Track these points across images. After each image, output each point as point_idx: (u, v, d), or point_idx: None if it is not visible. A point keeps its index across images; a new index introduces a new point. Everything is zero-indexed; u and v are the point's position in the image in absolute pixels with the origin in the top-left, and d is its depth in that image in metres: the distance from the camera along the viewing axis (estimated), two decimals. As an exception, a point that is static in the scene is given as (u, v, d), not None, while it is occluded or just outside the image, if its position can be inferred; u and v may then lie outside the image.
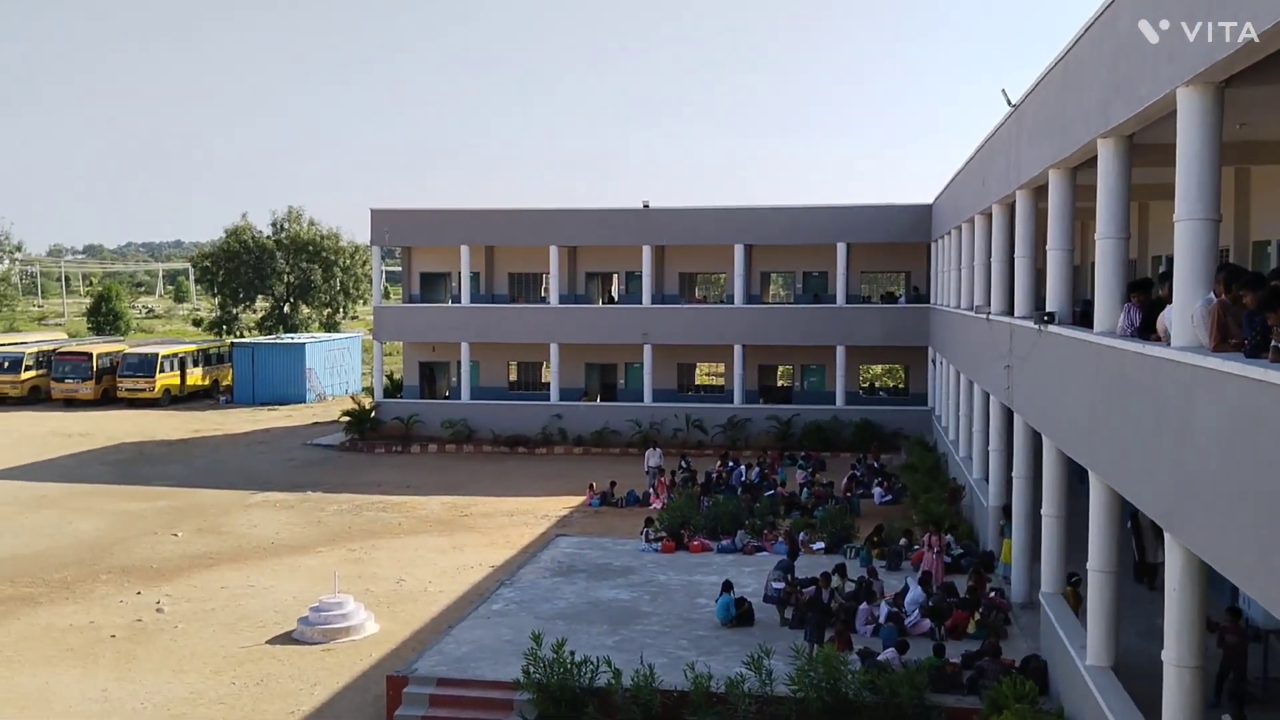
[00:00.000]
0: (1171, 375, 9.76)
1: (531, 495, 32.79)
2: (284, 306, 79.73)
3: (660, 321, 42.06)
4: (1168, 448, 9.83)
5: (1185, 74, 9.43)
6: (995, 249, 22.28)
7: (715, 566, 22.65)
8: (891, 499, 30.31)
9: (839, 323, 40.88)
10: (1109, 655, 12.88)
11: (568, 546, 24.91)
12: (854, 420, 39.97)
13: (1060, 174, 15.53)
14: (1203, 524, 8.92)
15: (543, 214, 43.50)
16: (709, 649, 17.43)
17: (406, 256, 47.20)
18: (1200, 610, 9.70)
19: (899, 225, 40.79)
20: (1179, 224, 9.67)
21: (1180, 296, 9.73)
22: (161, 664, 18.96)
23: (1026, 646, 16.82)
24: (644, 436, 40.03)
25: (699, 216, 42.64)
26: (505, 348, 44.71)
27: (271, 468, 38.03)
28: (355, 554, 26.27)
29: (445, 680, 16.23)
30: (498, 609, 19.79)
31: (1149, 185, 19.13)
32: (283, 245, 78.32)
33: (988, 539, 22.69)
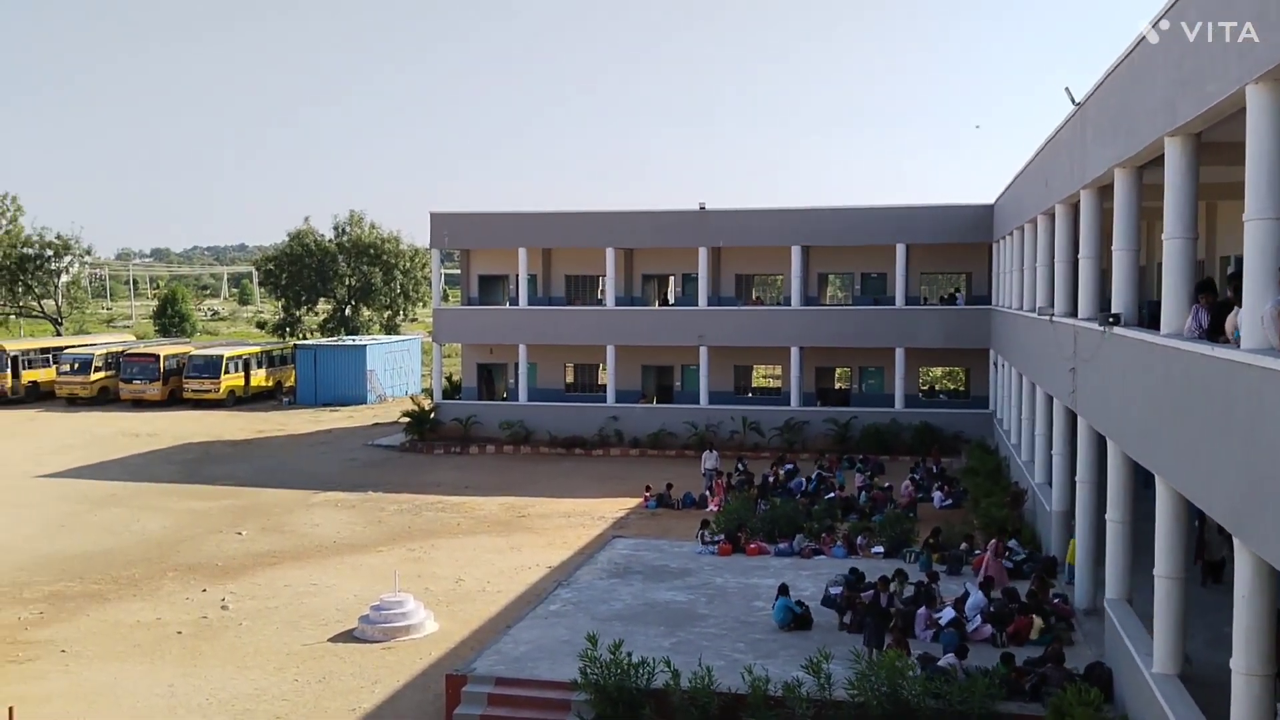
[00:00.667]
0: (1241, 377, 9.55)
1: (588, 497, 32.91)
2: (345, 309, 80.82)
3: (716, 323, 41.99)
4: (1237, 451, 9.62)
5: (1254, 71, 9.23)
6: (1059, 249, 21.93)
7: (772, 569, 22.55)
8: (952, 503, 29.98)
9: (898, 324, 40.51)
10: (1176, 663, 12.62)
11: (624, 548, 24.96)
12: (913, 423, 39.59)
13: (1126, 173, 15.26)
14: (1274, 528, 8.71)
15: (599, 216, 43.65)
16: (766, 652, 17.36)
17: (465, 259, 47.63)
18: (1271, 617, 9.48)
19: (959, 226, 40.32)
20: (1249, 223, 9.46)
21: (1250, 297, 9.52)
22: (226, 660, 19.32)
23: (1091, 653, 16.53)
24: (700, 438, 39.99)
25: (755, 218, 42.51)
26: (562, 349, 44.92)
27: (333, 468, 38.58)
28: (415, 553, 26.56)
29: (503, 680, 16.34)
30: (555, 609, 19.88)
31: (1217, 184, 18.72)
32: (344, 248, 79.40)
33: (1050, 544, 22.35)
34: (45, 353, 60.43)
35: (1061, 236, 21.72)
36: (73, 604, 22.72)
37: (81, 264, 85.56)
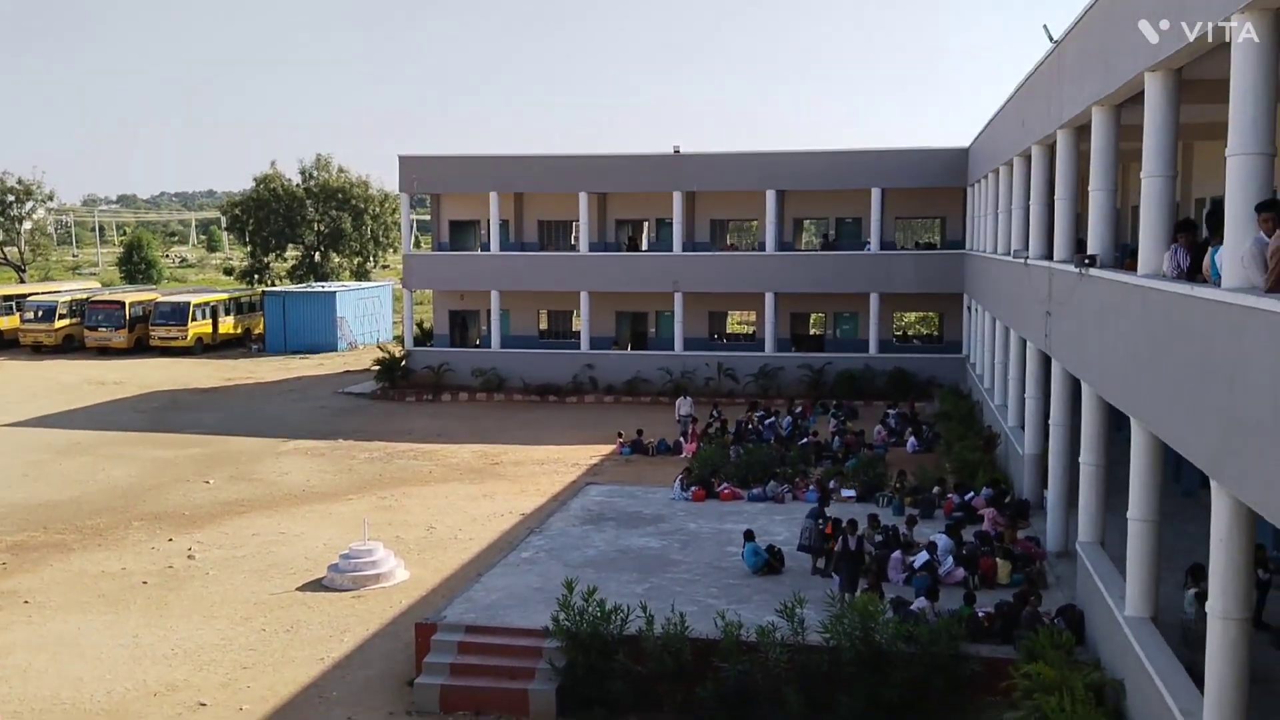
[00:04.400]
0: (1222, 317, 9.36)
1: (562, 444, 32.72)
2: (315, 255, 79.83)
3: (691, 269, 41.63)
4: (1216, 392, 9.45)
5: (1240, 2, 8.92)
6: (1034, 192, 21.69)
7: (746, 515, 22.46)
8: (924, 448, 29.99)
9: (872, 270, 40.29)
10: (1149, 606, 12.59)
11: (598, 495, 24.80)
12: (887, 369, 39.53)
13: (1104, 111, 14.97)
14: (1252, 471, 8.56)
15: (572, 160, 43.03)
16: (740, 597, 17.28)
17: (435, 204, 46.95)
18: (1248, 560, 9.37)
19: (934, 170, 39.98)
20: (1231, 159, 9.21)
21: (1231, 235, 9.30)
22: (192, 610, 19.09)
23: (1062, 596, 16.54)
24: (675, 385, 39.80)
25: (730, 162, 42.02)
26: (535, 296, 44.48)
27: (303, 416, 38.21)
28: (386, 501, 26.33)
29: (474, 628, 16.18)
30: (527, 557, 19.72)
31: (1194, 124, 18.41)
32: (312, 193, 78.16)
33: (1023, 487, 22.35)
34: (9, 300, 59.50)
35: (1038, 179, 21.47)
36: (36, 554, 22.38)
37: (46, 210, 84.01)
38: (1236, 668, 9.31)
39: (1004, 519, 20.07)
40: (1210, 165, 21.45)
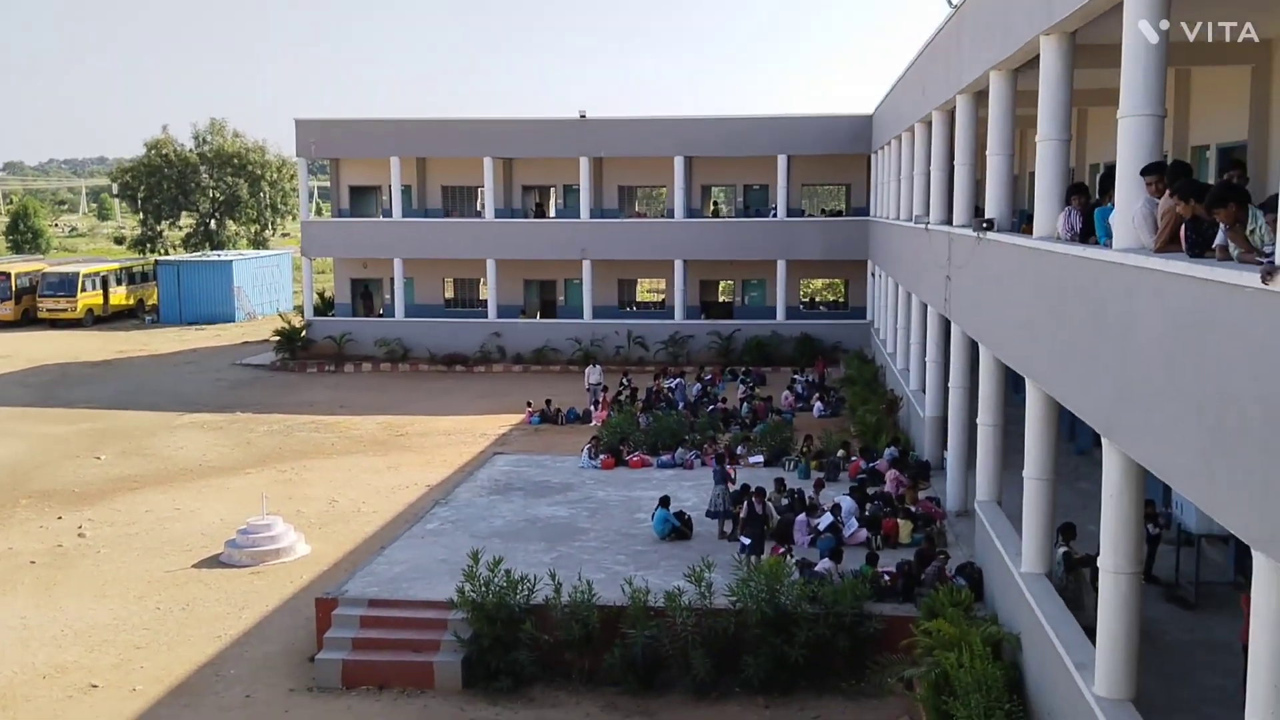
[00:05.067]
0: (1113, 278, 9.50)
1: (469, 414, 32.33)
2: (210, 223, 77.55)
3: (600, 236, 41.35)
4: (1108, 352, 9.61)
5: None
6: (935, 158, 21.93)
7: (655, 482, 22.45)
8: (830, 412, 30.33)
9: (779, 237, 40.51)
10: (1044, 562, 12.84)
11: (505, 465, 24.57)
12: (794, 335, 39.89)
13: (1001, 75, 15.11)
14: (1143, 429, 8.73)
15: (476, 124, 42.31)
16: (648, 563, 17.26)
17: (334, 169, 45.82)
18: (1138, 515, 9.58)
19: (839, 136, 40.26)
20: (1123, 120, 9.32)
21: (1122, 196, 9.43)
22: (83, 589, 18.44)
23: (962, 554, 16.86)
24: (585, 354, 39.60)
25: (637, 127, 41.74)
26: (440, 264, 43.75)
27: (199, 388, 37.13)
28: (286, 475, 25.73)
29: (377, 601, 15.88)
30: (432, 528, 19.43)
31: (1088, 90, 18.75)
32: (206, 159, 75.84)
33: (924, 449, 22.74)
34: (-116, 272, 56.58)
35: (938, 144, 21.69)
36: (-86, 537, 21.38)
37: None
38: (1128, 621, 9.53)
39: (906, 480, 20.39)
40: (1103, 131, 21.93)
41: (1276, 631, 6.43)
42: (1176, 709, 11.13)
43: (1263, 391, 6.32)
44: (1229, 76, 15.77)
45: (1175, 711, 11.05)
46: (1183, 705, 11.27)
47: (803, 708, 13.93)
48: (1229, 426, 6.79)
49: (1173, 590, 14.69)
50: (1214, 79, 16.51)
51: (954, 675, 11.81)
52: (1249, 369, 6.50)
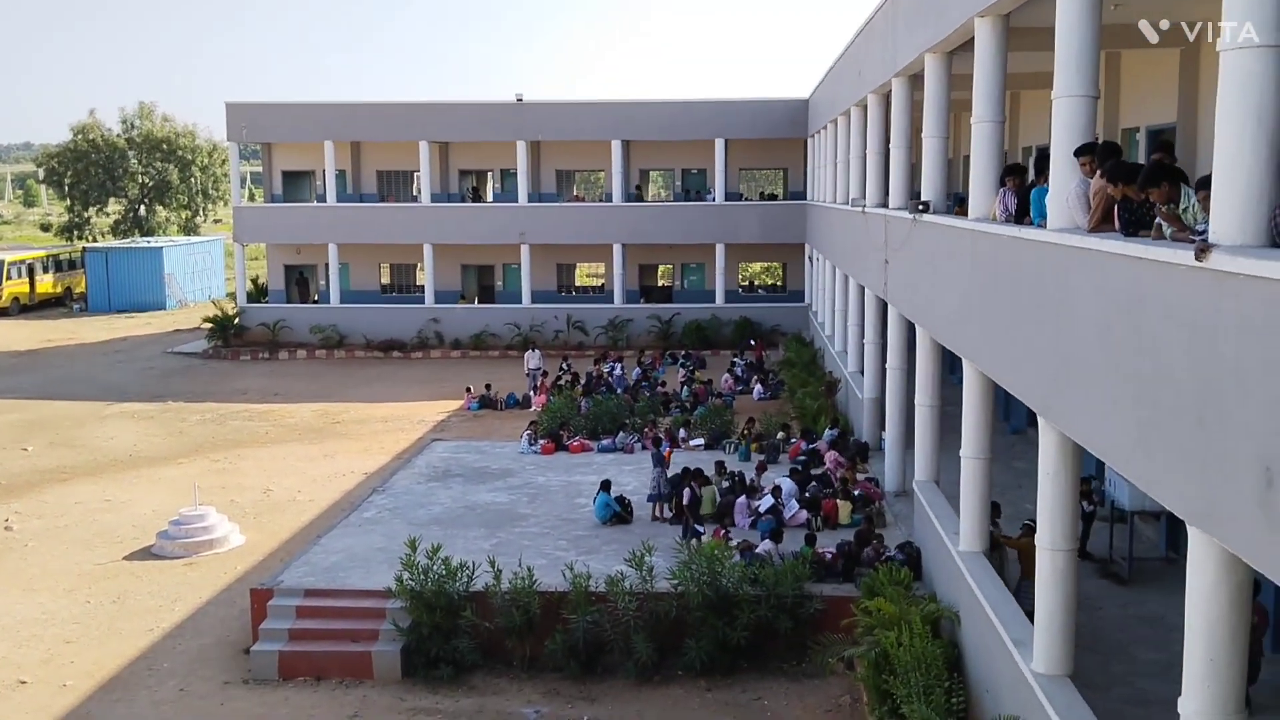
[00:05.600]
0: (1049, 258, 9.58)
1: (407, 400, 31.97)
2: (139, 209, 75.79)
3: (537, 221, 41.08)
4: (1044, 332, 9.70)
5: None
6: (871, 141, 22.05)
7: (595, 466, 22.37)
8: (770, 395, 30.46)
9: (718, 220, 40.55)
10: (981, 540, 12.98)
11: (444, 451, 24.33)
12: (733, 318, 40.00)
13: (936, 58, 15.19)
14: (1079, 408, 8.82)
15: (411, 107, 41.74)
16: (589, 548, 17.18)
17: (267, 154, 44.96)
18: (1074, 493, 9.69)
19: (776, 121, 40.36)
20: (1057, 101, 9.37)
21: (1057, 177, 9.50)
22: (10, 584, 17.94)
23: (901, 534, 17.02)
24: (524, 339, 39.36)
25: (575, 111, 41.48)
26: (376, 249, 43.17)
27: (129, 377, 36.30)
28: (220, 464, 25.24)
29: (313, 591, 15.62)
30: (370, 516, 19.17)
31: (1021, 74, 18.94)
32: (135, 144, 74.09)
33: (862, 430, 22.92)
34: None
35: (874, 128, 21.82)
36: None
37: None
38: (1064, 597, 9.64)
39: (845, 461, 20.53)
40: (1036, 114, 22.19)
41: (1212, 604, 6.52)
42: (1113, 683, 11.33)
43: (1197, 369, 6.38)
44: (1158, 59, 16.00)
45: (1112, 686, 11.24)
46: (1119, 680, 11.47)
47: (745, 689, 13.97)
48: (1164, 404, 6.86)
49: (1107, 566, 14.98)
50: (1143, 62, 16.75)
51: (894, 654, 11.90)
52: (1183, 347, 6.57)
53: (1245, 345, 5.78)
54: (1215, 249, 5.99)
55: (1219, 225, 6.18)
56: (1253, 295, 5.68)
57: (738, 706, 13.54)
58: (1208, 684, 6.56)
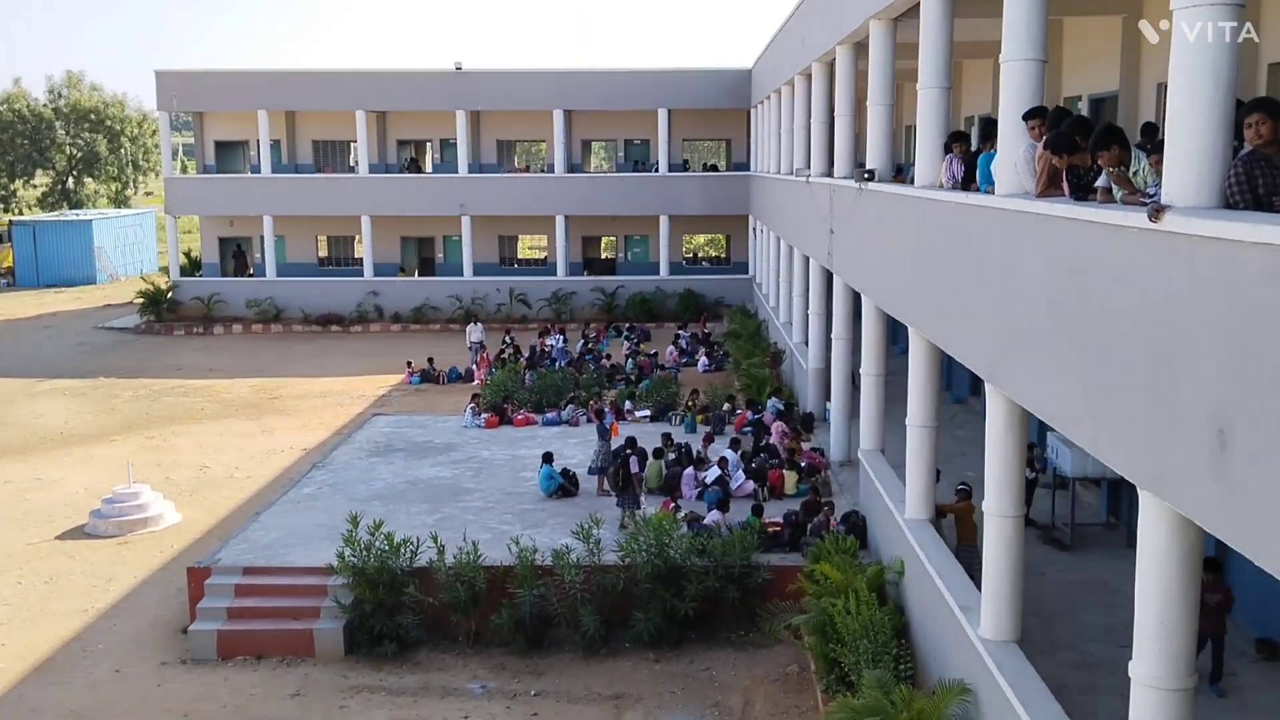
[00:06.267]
0: (996, 224, 9.53)
1: (346, 375, 31.47)
2: (67, 181, 73.76)
3: (478, 192, 40.55)
4: (991, 298, 9.66)
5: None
6: (815, 110, 21.97)
7: (540, 440, 22.13)
8: (715, 366, 30.43)
9: (662, 192, 40.34)
10: (927, 508, 13.02)
11: (385, 426, 23.96)
12: (678, 290, 39.88)
13: (881, 24, 15.09)
14: (1027, 373, 8.79)
15: (347, 76, 40.92)
16: (534, 522, 17.01)
17: (199, 124, 43.84)
18: (1020, 460, 9.70)
19: (719, 91, 40.17)
20: (1005, 65, 9.30)
21: (1005, 142, 9.44)
22: (-67, 568, 17.35)
23: (846, 503, 17.05)
24: (466, 312, 38.92)
25: (515, 80, 40.93)
26: (313, 221, 42.35)
27: (59, 353, 35.36)
28: (154, 441, 24.65)
29: (252, 569, 15.28)
30: (309, 493, 18.81)
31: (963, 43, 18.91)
32: (62, 114, 72.01)
33: (807, 401, 22.95)
34: None
35: (818, 96, 21.72)
36: None
37: None
38: (1011, 563, 9.66)
39: (790, 432, 20.53)
40: (979, 83, 22.25)
41: (1163, 567, 6.52)
42: (1058, 648, 11.43)
43: (1148, 332, 6.34)
44: (1100, 27, 16.05)
45: (1057, 650, 11.34)
46: (1063, 644, 11.58)
47: (693, 660, 13.92)
48: (1114, 368, 6.83)
49: (1049, 532, 15.13)
50: (1085, 30, 16.80)
51: (840, 622, 11.90)
52: (1134, 310, 6.52)
53: (1198, 307, 5.74)
54: (1169, 210, 5.93)
55: (1172, 187, 6.13)
56: (1206, 257, 5.63)
57: (686, 678, 13.49)
58: (1159, 646, 6.57)
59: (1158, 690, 6.63)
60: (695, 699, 12.93)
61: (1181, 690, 6.64)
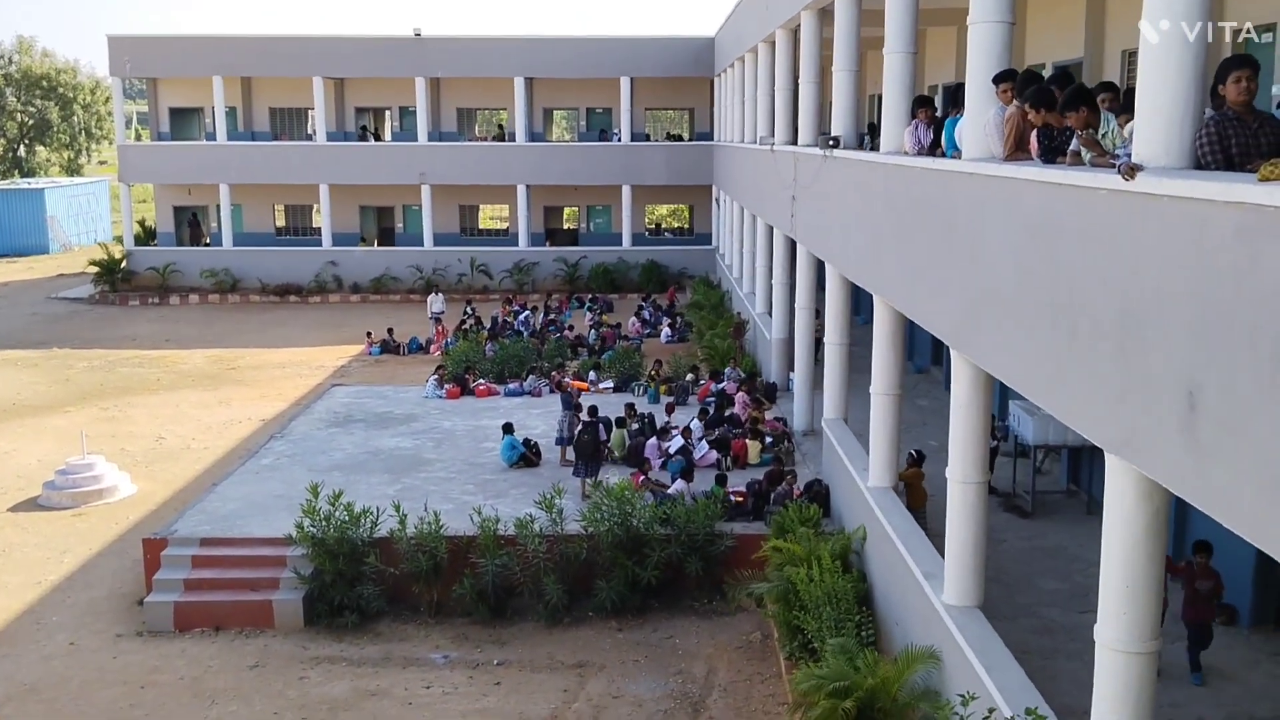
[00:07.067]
0: (962, 189, 9.46)
1: (305, 346, 31.09)
2: (18, 149, 72.22)
3: (439, 160, 40.08)
4: (958, 264, 9.60)
5: None
6: (779, 78, 21.81)
7: (502, 411, 21.94)
8: (678, 337, 30.35)
9: (624, 161, 40.05)
10: (890, 476, 13.03)
11: (345, 396, 23.68)
12: (640, 261, 39.70)
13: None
14: (994, 339, 8.75)
15: (304, 41, 40.20)
16: (497, 492, 16.87)
17: (153, 90, 42.95)
18: (984, 426, 9.68)
19: (682, 59, 39.89)
20: (973, 27, 9.19)
21: (972, 106, 9.35)
22: (-121, 541, 16.94)
23: (809, 472, 17.05)
24: (426, 282, 38.54)
25: (475, 46, 40.39)
26: (270, 190, 41.68)
27: (11, 324, 34.67)
28: (109, 412, 24.22)
29: (209, 540, 15.04)
30: (268, 464, 18.55)
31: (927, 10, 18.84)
32: (12, 81, 70.44)
33: (770, 371, 22.93)
34: None
35: (782, 64, 21.57)
36: None
37: None
38: (975, 530, 9.66)
39: (753, 402, 20.50)
40: (942, 51, 22.19)
41: (1129, 531, 6.51)
42: (1020, 613, 11.49)
43: (1116, 295, 6.29)
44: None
45: (1018, 616, 11.40)
46: (1024, 610, 11.64)
47: (656, 629, 13.88)
48: (1082, 332, 6.78)
49: (1010, 500, 15.21)
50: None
51: (804, 589, 11.88)
52: (1103, 273, 6.47)
53: (1169, 269, 5.69)
54: (1142, 171, 5.86)
55: (1143, 147, 6.06)
56: (1177, 217, 5.57)
57: (649, 646, 13.45)
58: (1124, 610, 6.56)
59: (1123, 654, 6.63)
60: (659, 667, 12.89)
61: (1146, 654, 6.64)
